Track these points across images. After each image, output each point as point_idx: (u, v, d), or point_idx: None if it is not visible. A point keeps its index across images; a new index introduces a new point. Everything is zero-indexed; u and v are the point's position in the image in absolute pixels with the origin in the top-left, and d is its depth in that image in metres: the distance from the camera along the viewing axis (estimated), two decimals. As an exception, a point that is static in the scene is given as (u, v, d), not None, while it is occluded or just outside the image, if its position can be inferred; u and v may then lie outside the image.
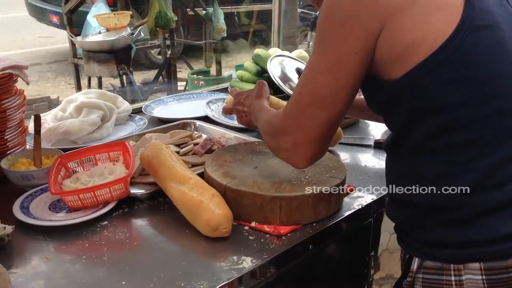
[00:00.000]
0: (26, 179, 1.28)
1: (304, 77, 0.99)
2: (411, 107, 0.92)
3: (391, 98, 0.95)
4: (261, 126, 1.16)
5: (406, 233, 1.02)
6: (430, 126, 0.91)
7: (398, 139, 0.99)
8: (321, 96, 0.94)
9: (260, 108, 1.25)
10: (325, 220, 1.16)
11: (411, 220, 1.00)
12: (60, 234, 1.11)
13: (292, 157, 1.02)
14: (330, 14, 0.93)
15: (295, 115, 0.99)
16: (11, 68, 1.33)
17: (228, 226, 1.08)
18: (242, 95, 1.39)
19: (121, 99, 1.81)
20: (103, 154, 1.36)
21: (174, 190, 1.17)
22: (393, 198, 1.06)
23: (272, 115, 1.13)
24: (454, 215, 0.93)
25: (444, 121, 0.90)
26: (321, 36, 0.95)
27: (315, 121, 0.96)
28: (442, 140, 0.91)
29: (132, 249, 1.08)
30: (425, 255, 0.97)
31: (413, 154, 0.96)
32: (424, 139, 0.93)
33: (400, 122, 0.97)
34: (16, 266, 1.01)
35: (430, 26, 0.87)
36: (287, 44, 2.92)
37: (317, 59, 0.95)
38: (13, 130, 1.41)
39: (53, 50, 7.43)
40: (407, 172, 0.99)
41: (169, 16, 4.38)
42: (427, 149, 0.93)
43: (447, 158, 0.92)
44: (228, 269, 0.99)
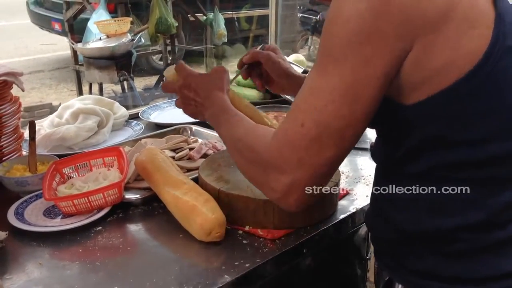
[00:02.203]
0: (21, 185, 1.29)
1: (307, 102, 0.78)
2: (423, 137, 0.80)
3: (402, 123, 0.82)
4: (234, 143, 0.95)
5: (390, 256, 0.94)
6: (440, 159, 0.80)
7: (397, 161, 0.87)
8: (331, 130, 0.77)
9: (224, 109, 1.03)
10: (320, 224, 1.16)
11: (399, 244, 0.90)
12: (54, 240, 1.11)
13: (285, 200, 0.83)
14: (346, 28, 0.74)
15: (296, 150, 0.79)
16: (5, 75, 1.34)
17: (221, 231, 1.08)
18: (193, 77, 1.13)
19: (118, 105, 1.81)
20: (97, 159, 1.36)
21: (168, 195, 1.17)
22: (380, 217, 0.95)
23: (255, 137, 0.89)
24: (449, 248, 0.84)
25: (457, 156, 0.79)
26: (332, 53, 0.76)
27: (320, 160, 0.78)
28: (449, 175, 0.81)
29: (126, 254, 1.08)
30: (410, 283, 0.90)
31: (411, 180, 0.85)
32: (429, 170, 0.82)
33: (405, 148, 0.84)
34: (10, 272, 1.01)
35: (462, 49, 0.73)
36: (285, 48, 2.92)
37: (327, 82, 0.76)
38: (9, 137, 1.41)
39: (55, 57, 7.47)
40: (402, 196, 0.87)
41: (169, 22, 4.40)
42: (429, 180, 0.83)
43: (454, 193, 0.81)
44: (221, 273, 0.99)
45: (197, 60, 6.14)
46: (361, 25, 0.73)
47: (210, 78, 1.12)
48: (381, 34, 0.73)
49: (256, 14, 6.98)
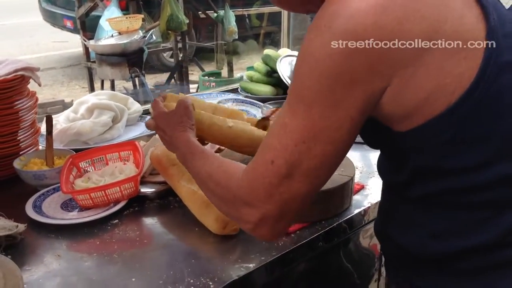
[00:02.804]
0: (39, 179, 1.30)
1: (277, 140, 0.74)
2: (418, 164, 0.77)
3: (396, 149, 0.80)
4: (204, 181, 0.92)
5: (396, 270, 0.93)
6: (438, 186, 0.78)
7: (399, 183, 0.84)
8: (302, 169, 0.73)
9: (189, 148, 1.00)
10: (335, 218, 1.16)
11: (403, 261, 0.89)
12: (71, 232, 1.13)
13: (257, 231, 0.80)
14: (315, 69, 0.69)
15: (265, 187, 0.75)
16: (23, 70, 1.35)
17: (237, 224, 1.09)
18: (160, 117, 1.11)
19: (132, 100, 1.82)
20: (113, 154, 1.37)
21: (183, 188, 1.18)
22: (386, 234, 0.93)
23: (225, 173, 0.86)
24: (453, 267, 0.81)
25: (455, 183, 0.76)
26: (302, 94, 0.72)
27: (291, 196, 0.75)
28: (452, 199, 0.78)
29: (142, 247, 1.09)
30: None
31: (415, 202, 0.83)
32: (429, 196, 0.80)
33: (403, 173, 0.81)
34: (28, 264, 1.02)
35: (449, 75, 0.68)
36: (297, 45, 2.92)
37: (297, 123, 0.72)
38: (26, 131, 1.43)
39: (67, 54, 7.52)
40: (406, 216, 0.86)
41: (180, 19, 4.40)
42: (431, 203, 0.80)
43: (456, 216, 0.79)
44: (237, 266, 1.00)
45: (208, 56, 6.14)
46: (331, 66, 0.68)
47: (173, 117, 1.08)
48: (353, 74, 0.68)
49: (267, 11, 6.96)
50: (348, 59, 0.67)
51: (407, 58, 0.67)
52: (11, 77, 1.33)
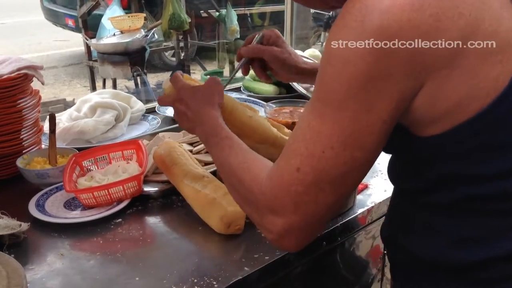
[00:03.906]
0: (42, 178, 1.30)
1: (303, 145, 0.70)
2: (442, 171, 0.73)
3: (419, 156, 0.75)
4: (226, 175, 0.88)
5: (408, 278, 0.89)
6: (466, 193, 0.73)
7: (417, 191, 0.80)
8: (330, 177, 0.69)
9: (214, 128, 0.95)
10: (338, 218, 1.16)
11: (420, 270, 0.85)
12: (75, 231, 1.13)
13: (281, 242, 0.77)
14: (345, 71, 0.65)
15: (291, 195, 0.72)
16: (26, 68, 1.35)
17: (241, 224, 1.08)
18: (185, 90, 1.05)
19: (135, 99, 1.82)
20: (117, 152, 1.37)
21: (187, 188, 1.18)
22: (396, 241, 0.89)
23: (249, 173, 0.82)
24: (468, 277, 0.78)
25: (480, 190, 0.72)
26: (329, 98, 0.67)
27: (317, 206, 0.72)
28: (478, 207, 0.74)
29: (146, 246, 1.09)
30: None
31: (434, 210, 0.79)
32: (451, 203, 0.75)
33: (423, 180, 0.77)
34: (31, 263, 1.02)
35: (483, 80, 0.65)
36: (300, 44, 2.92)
37: (324, 128, 0.68)
38: (29, 130, 1.43)
39: (68, 53, 7.53)
40: (423, 224, 0.82)
41: (182, 18, 4.41)
42: (452, 211, 0.76)
43: (482, 223, 0.74)
44: (241, 265, 0.99)
45: (210, 56, 6.15)
46: (362, 68, 0.63)
47: (202, 91, 1.04)
48: (386, 76, 0.64)
49: (269, 10, 6.98)
50: (381, 59, 0.63)
51: (443, 59, 0.63)
52: (15, 75, 1.33)
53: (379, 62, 0.63)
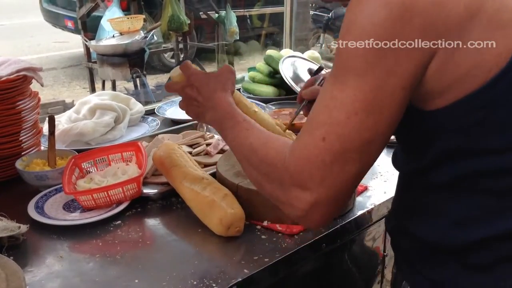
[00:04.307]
0: (41, 180, 1.30)
1: (327, 116, 0.72)
2: (447, 145, 0.76)
3: (424, 131, 0.78)
4: (245, 155, 0.88)
5: (411, 265, 0.91)
6: (465, 168, 0.76)
7: (421, 171, 0.83)
8: (355, 143, 0.71)
9: (229, 112, 0.96)
10: (338, 220, 1.16)
11: (421, 255, 0.87)
12: (74, 233, 1.13)
13: (307, 218, 0.77)
14: (365, 37, 0.68)
15: (318, 166, 0.72)
16: (25, 70, 1.35)
17: (240, 225, 1.08)
18: (197, 76, 1.04)
19: (134, 101, 1.82)
20: (116, 154, 1.37)
21: (186, 189, 1.18)
22: (402, 227, 0.91)
23: (271, 150, 0.82)
24: (473, 259, 0.80)
25: (483, 166, 0.75)
26: (350, 65, 0.70)
27: (344, 176, 0.73)
28: (475, 184, 0.77)
29: (145, 248, 1.09)
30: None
31: (437, 190, 0.82)
32: (454, 180, 0.78)
33: (428, 157, 0.80)
34: (30, 265, 1.02)
35: (487, 53, 0.69)
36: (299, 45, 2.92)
37: (347, 95, 0.70)
38: (28, 131, 1.43)
39: (68, 54, 7.52)
40: (427, 206, 0.85)
41: (182, 19, 4.41)
42: (455, 190, 0.79)
43: (478, 203, 0.78)
44: (240, 268, 0.99)
45: (209, 57, 6.15)
46: (382, 34, 0.67)
47: (215, 78, 1.04)
48: (403, 42, 0.67)
49: (268, 11, 6.98)
50: (398, 27, 0.67)
51: (453, 28, 0.68)
52: (14, 77, 1.33)
53: (396, 29, 0.67)
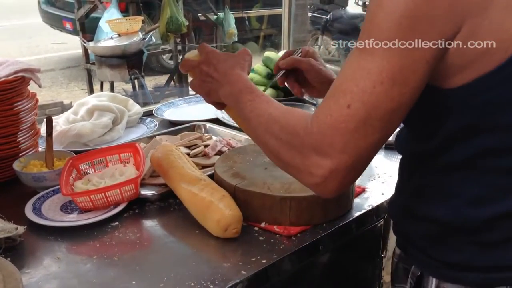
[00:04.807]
0: (38, 181, 1.30)
1: (353, 84, 0.74)
2: (461, 123, 0.79)
3: (439, 109, 0.80)
4: (264, 124, 0.88)
5: (422, 250, 0.92)
6: (478, 146, 0.79)
7: (431, 152, 0.85)
8: (379, 112, 0.73)
9: (247, 87, 0.96)
10: (336, 221, 1.16)
11: (433, 238, 0.88)
12: (71, 234, 1.12)
13: (324, 186, 0.78)
14: (395, 11, 0.71)
15: (342, 133, 0.74)
16: (23, 71, 1.35)
17: (238, 227, 1.08)
18: (215, 54, 1.05)
19: (132, 102, 1.82)
20: (114, 155, 1.37)
21: (184, 191, 1.17)
22: (411, 212, 0.92)
23: (292, 117, 0.83)
24: (487, 237, 0.83)
25: (496, 143, 0.78)
26: (379, 35, 0.73)
27: (365, 144, 0.74)
28: (488, 162, 0.80)
29: (143, 249, 1.09)
30: (445, 277, 0.88)
31: (448, 171, 0.84)
32: (467, 159, 0.81)
33: (440, 137, 0.82)
34: (27, 266, 1.02)
35: (506, 33, 0.72)
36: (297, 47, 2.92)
37: (374, 64, 0.73)
38: (26, 133, 1.43)
39: (66, 56, 7.52)
40: (438, 187, 0.86)
41: (180, 21, 4.42)
42: (467, 169, 0.81)
43: (491, 181, 0.80)
44: (238, 269, 0.99)
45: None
46: (412, 8, 0.70)
47: (233, 57, 1.04)
48: (432, 17, 0.71)
49: (266, 13, 6.99)
50: (428, 2, 0.70)
51: (476, 6, 0.70)
52: (12, 78, 1.32)
53: (426, 4, 0.70)
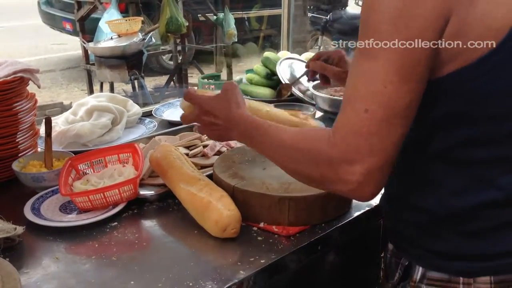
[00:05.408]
0: (37, 181, 1.30)
1: (364, 88, 0.77)
2: (446, 112, 0.82)
3: (426, 98, 0.81)
4: (284, 153, 0.90)
5: (409, 240, 0.95)
6: (460, 137, 0.82)
7: (417, 142, 0.87)
8: (397, 109, 0.76)
9: (253, 123, 0.98)
10: (334, 221, 1.16)
11: (420, 228, 0.91)
12: (70, 234, 1.12)
13: (361, 190, 0.80)
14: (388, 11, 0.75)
15: (365, 137, 0.76)
16: (22, 71, 1.35)
17: (236, 227, 1.08)
18: (206, 101, 1.08)
19: (131, 102, 1.82)
20: (113, 156, 1.37)
21: (183, 191, 1.18)
22: (400, 201, 0.95)
23: (309, 138, 0.86)
24: (470, 227, 0.86)
25: (476, 133, 0.81)
26: (378, 33, 0.75)
27: (390, 141, 0.77)
28: (469, 153, 0.83)
29: (141, 249, 1.09)
30: (430, 266, 0.91)
31: (433, 161, 0.87)
32: (449, 149, 0.84)
33: (425, 126, 0.85)
34: (26, 266, 1.02)
35: (491, 23, 0.75)
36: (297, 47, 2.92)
37: (380, 63, 0.75)
38: (25, 133, 1.43)
39: (66, 56, 7.52)
40: (424, 177, 0.89)
41: (180, 21, 4.41)
42: (450, 159, 0.84)
43: (472, 172, 0.84)
44: (236, 269, 0.99)
45: (207, 59, 6.16)
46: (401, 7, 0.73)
47: (224, 98, 1.06)
48: (425, 7, 0.73)
49: (266, 14, 6.99)
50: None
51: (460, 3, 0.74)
52: (10, 79, 1.33)
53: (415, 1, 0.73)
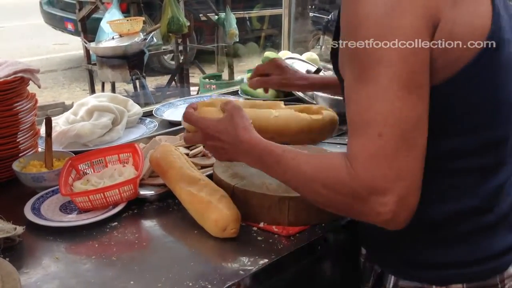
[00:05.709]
0: (37, 181, 1.30)
1: (372, 111, 0.73)
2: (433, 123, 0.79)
3: None
4: (306, 186, 0.85)
5: (381, 246, 0.95)
6: (435, 149, 0.80)
7: None
8: (411, 124, 0.72)
9: (265, 149, 0.92)
10: (334, 221, 1.16)
11: (391, 237, 0.85)
12: (70, 234, 1.12)
13: (397, 218, 0.74)
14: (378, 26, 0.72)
15: (388, 163, 0.72)
16: (22, 71, 1.35)
17: (236, 227, 1.08)
18: (210, 125, 1.02)
19: (132, 102, 1.82)
20: (113, 156, 1.37)
21: (183, 191, 1.18)
22: None
23: (329, 170, 0.80)
24: (442, 235, 0.86)
25: (453, 145, 0.81)
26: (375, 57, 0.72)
27: (413, 156, 0.73)
28: (443, 165, 0.83)
29: (141, 249, 1.09)
30: (402, 274, 0.91)
31: None
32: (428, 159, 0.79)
33: None
34: (26, 266, 1.02)
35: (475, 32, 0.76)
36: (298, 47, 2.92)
37: (383, 84, 0.72)
38: (25, 133, 1.43)
39: (67, 56, 7.53)
40: None
41: (181, 21, 4.41)
42: (428, 169, 0.79)
43: (447, 182, 0.84)
44: (236, 269, 0.99)
45: (209, 59, 6.16)
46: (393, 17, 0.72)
47: (230, 123, 0.99)
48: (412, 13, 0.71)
49: (267, 13, 6.99)
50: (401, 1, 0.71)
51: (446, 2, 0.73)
52: (11, 79, 1.33)
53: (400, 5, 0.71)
